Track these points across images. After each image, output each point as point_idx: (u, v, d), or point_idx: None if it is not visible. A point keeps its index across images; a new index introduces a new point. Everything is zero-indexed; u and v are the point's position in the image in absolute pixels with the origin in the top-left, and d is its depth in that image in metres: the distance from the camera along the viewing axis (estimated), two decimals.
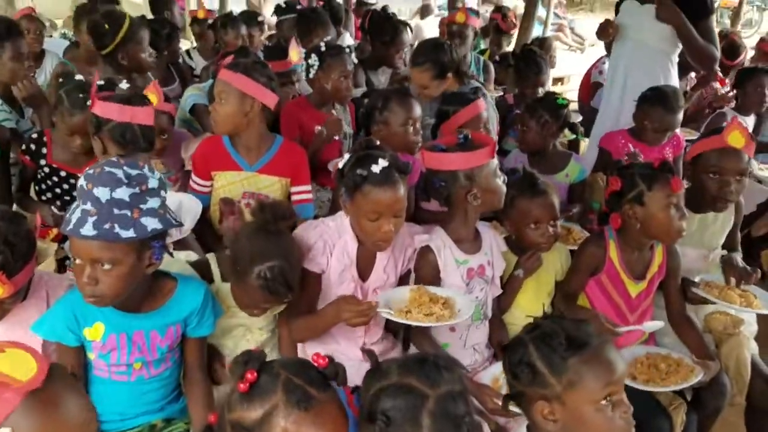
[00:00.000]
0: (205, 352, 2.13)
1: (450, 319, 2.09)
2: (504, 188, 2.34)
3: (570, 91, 7.80)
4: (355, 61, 3.73)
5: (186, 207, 2.50)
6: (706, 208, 2.71)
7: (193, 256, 2.45)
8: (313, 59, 3.37)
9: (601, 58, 5.65)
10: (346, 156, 2.17)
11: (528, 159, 3.41)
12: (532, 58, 4.24)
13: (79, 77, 2.88)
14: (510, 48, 5.70)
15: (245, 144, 2.75)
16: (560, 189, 3.22)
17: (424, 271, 2.33)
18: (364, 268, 2.29)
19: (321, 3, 5.75)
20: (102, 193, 1.68)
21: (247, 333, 2.30)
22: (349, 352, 2.30)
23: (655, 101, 3.45)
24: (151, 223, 1.73)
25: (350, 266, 2.25)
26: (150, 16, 5.24)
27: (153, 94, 2.70)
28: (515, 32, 5.84)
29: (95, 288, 1.74)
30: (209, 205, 2.80)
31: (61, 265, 2.53)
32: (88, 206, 1.68)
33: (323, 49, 3.39)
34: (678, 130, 3.69)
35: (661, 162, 2.42)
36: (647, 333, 2.52)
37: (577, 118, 4.93)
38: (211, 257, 2.30)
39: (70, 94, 2.76)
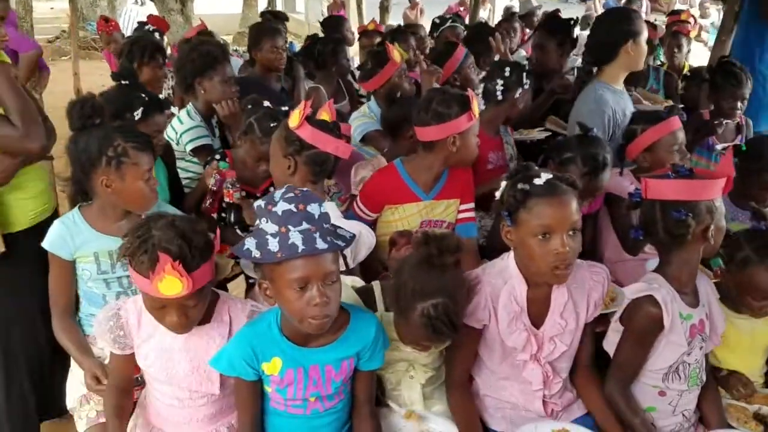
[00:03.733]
0: (374, 386, 2.05)
1: None
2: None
3: None
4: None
5: (363, 238, 2.45)
6: None
7: (358, 281, 2.36)
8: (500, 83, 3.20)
9: None
10: (503, 184, 2.02)
11: None
12: (730, 71, 3.81)
13: (266, 104, 2.89)
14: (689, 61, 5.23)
15: (421, 172, 2.68)
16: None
17: (640, 326, 2.04)
18: (537, 315, 2.06)
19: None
20: (314, 209, 1.69)
21: (411, 369, 2.18)
22: (529, 405, 2.13)
23: None
24: (341, 239, 1.74)
25: (521, 314, 2.04)
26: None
27: (326, 113, 2.64)
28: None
29: (327, 308, 1.72)
30: None
31: (250, 287, 2.53)
32: (304, 225, 1.67)
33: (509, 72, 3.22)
34: None
35: None
36: None
37: None
38: (375, 285, 2.21)
39: (261, 122, 2.76)
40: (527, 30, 6.53)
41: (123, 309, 1.97)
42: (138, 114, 2.64)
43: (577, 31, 4.54)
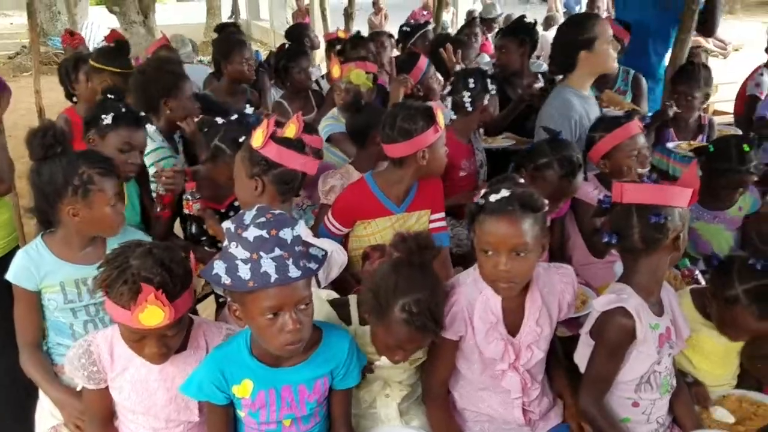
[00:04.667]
0: (350, 404, 2.02)
1: None
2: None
3: (718, 102, 7.26)
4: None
5: (335, 258, 2.43)
6: None
7: (333, 294, 2.34)
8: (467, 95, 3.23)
9: (758, 68, 5.16)
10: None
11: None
12: (685, 68, 3.89)
13: (219, 120, 2.81)
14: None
15: (392, 185, 2.67)
16: (733, 223, 2.90)
17: (612, 338, 2.00)
18: (512, 323, 2.05)
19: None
20: (286, 234, 1.65)
21: (386, 387, 2.16)
22: (508, 416, 2.13)
23: None
24: (314, 261, 1.71)
25: (497, 324, 2.03)
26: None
27: (292, 128, 2.61)
28: None
29: (300, 333, 1.70)
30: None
31: (220, 307, 2.50)
32: (277, 252, 1.63)
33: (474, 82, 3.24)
34: None
35: None
36: None
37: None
38: (351, 298, 2.18)
39: (226, 141, 2.68)
40: (488, 35, 6.62)
41: (93, 344, 1.92)
42: (108, 119, 2.60)
43: (540, 31, 4.61)
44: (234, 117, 2.75)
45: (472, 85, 3.21)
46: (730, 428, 2.17)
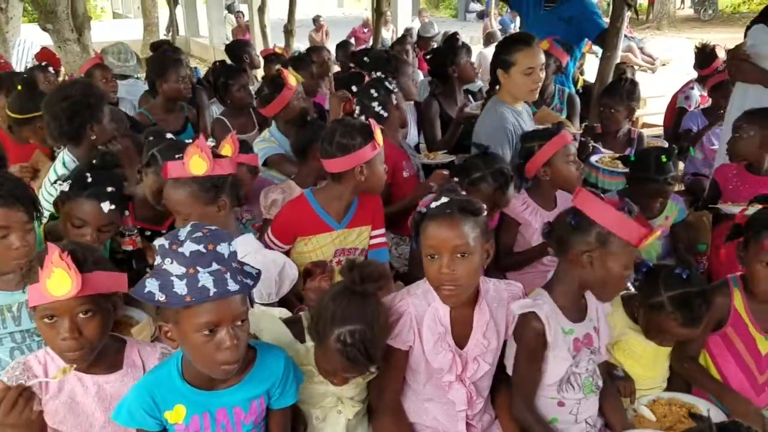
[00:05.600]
0: (289, 423, 1.98)
1: None
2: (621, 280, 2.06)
3: (647, 115, 7.55)
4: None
5: (286, 271, 2.45)
6: None
7: (285, 312, 2.33)
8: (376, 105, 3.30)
9: (690, 83, 5.41)
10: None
11: None
12: (612, 84, 4.05)
13: (169, 135, 2.82)
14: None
15: (332, 202, 2.69)
16: (662, 233, 3.03)
17: (527, 340, 2.07)
18: (460, 336, 2.09)
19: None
20: (224, 248, 1.63)
21: (339, 403, 2.14)
22: (451, 428, 2.15)
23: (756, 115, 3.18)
24: (249, 278, 1.70)
25: (445, 335, 2.06)
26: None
27: (229, 145, 2.61)
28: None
29: (238, 351, 1.66)
30: None
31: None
32: (214, 266, 1.61)
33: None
34: None
35: None
36: None
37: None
38: (304, 315, 2.16)
39: (164, 152, 2.66)
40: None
41: (26, 365, 1.85)
42: (65, 186, 2.46)
43: (480, 48, 4.72)
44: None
45: (376, 94, 3.30)
46: (660, 430, 2.24)
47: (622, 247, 1.95)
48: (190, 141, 2.55)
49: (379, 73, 3.61)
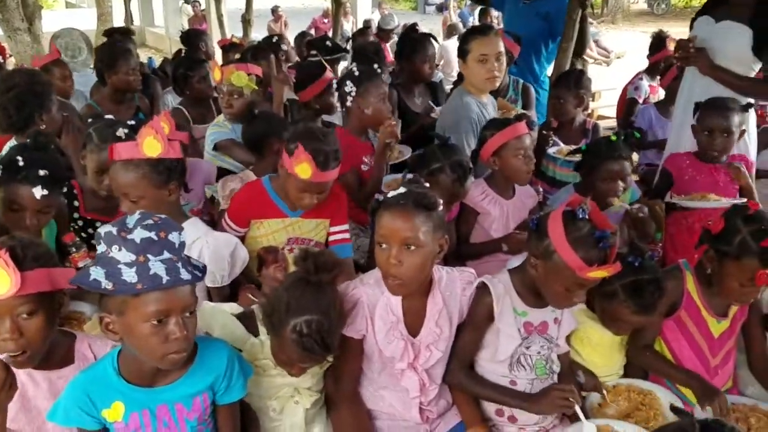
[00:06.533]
0: (238, 419, 1.94)
1: None
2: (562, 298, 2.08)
3: (601, 108, 7.66)
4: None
5: (238, 252, 2.44)
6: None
7: (236, 308, 2.29)
8: (349, 86, 3.27)
9: (639, 74, 5.53)
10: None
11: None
12: (564, 76, 4.06)
13: (109, 117, 2.77)
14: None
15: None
16: (617, 218, 3.05)
17: (477, 311, 2.15)
18: (413, 324, 2.11)
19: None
20: (175, 237, 1.61)
21: (296, 394, 2.12)
22: (406, 414, 2.17)
23: (709, 106, 3.21)
24: (197, 270, 1.69)
25: (397, 323, 2.08)
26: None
27: (165, 123, 2.54)
28: None
29: (187, 342, 1.65)
30: None
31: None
32: (166, 255, 1.58)
33: (357, 73, 3.30)
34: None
35: None
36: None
37: None
38: (257, 309, 2.13)
39: (100, 130, 2.60)
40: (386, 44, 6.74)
41: None
42: None
43: (440, 41, 4.72)
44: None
45: (350, 85, 3.29)
46: (619, 418, 2.25)
47: (564, 269, 1.95)
48: (131, 121, 2.52)
49: (375, 66, 3.55)
